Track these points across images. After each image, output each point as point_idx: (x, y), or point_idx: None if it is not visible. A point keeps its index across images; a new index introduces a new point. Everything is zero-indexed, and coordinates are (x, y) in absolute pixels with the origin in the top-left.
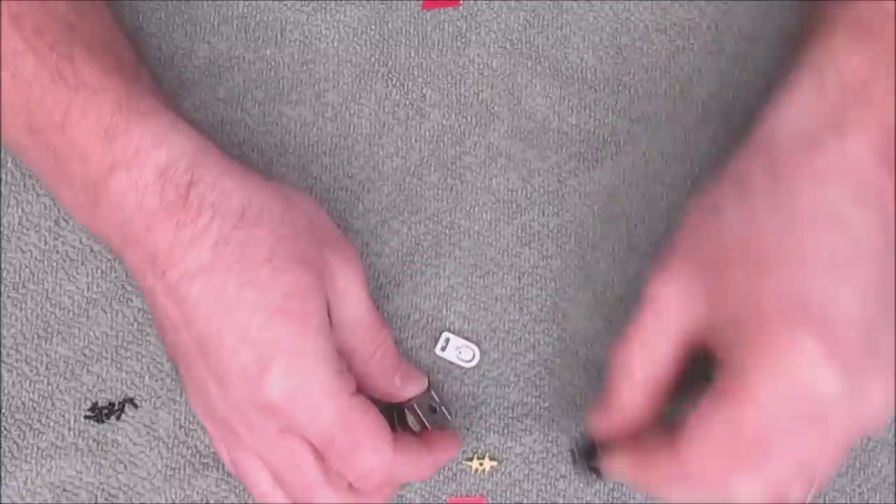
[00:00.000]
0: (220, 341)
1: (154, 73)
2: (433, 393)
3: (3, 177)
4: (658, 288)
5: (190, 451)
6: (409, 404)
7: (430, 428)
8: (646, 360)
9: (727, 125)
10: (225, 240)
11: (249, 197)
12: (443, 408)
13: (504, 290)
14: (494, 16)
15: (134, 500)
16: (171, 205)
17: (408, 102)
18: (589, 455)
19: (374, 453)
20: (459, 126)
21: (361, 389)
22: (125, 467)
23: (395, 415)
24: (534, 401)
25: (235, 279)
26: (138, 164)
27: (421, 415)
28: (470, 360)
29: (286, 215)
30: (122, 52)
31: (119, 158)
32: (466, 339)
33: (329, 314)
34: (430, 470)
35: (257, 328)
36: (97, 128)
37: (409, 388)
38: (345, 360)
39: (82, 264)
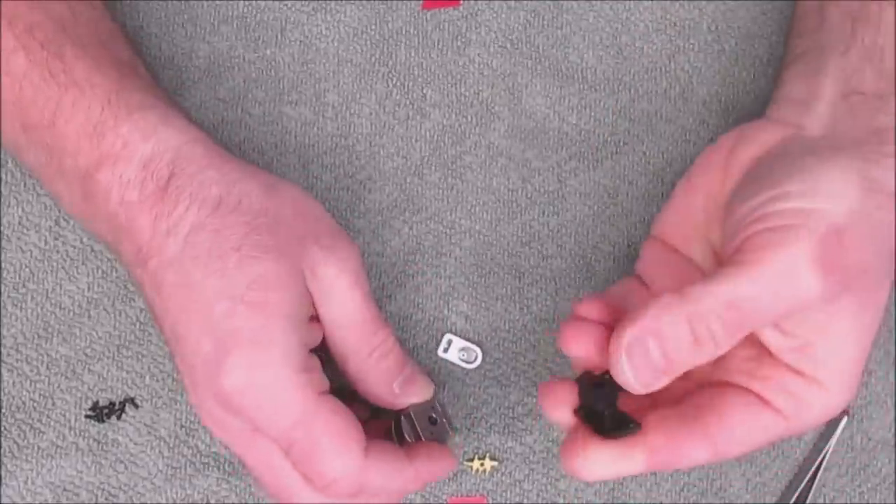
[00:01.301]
0: (187, 331)
1: (153, 72)
2: (437, 403)
3: (3, 177)
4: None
5: (191, 451)
6: (405, 411)
7: (424, 440)
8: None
9: (727, 125)
10: (198, 228)
11: (228, 186)
12: (444, 420)
13: (505, 289)
14: (494, 16)
15: (134, 500)
16: (149, 197)
17: (408, 102)
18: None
19: (338, 459)
20: (460, 126)
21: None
22: (126, 467)
23: (393, 424)
24: (535, 401)
25: (203, 267)
26: (125, 158)
27: (416, 423)
28: (472, 362)
29: (267, 204)
30: (118, 50)
31: (107, 153)
32: (468, 338)
33: (317, 310)
34: (411, 484)
35: (220, 317)
36: (86, 124)
37: (409, 396)
38: (316, 359)
39: (83, 264)
